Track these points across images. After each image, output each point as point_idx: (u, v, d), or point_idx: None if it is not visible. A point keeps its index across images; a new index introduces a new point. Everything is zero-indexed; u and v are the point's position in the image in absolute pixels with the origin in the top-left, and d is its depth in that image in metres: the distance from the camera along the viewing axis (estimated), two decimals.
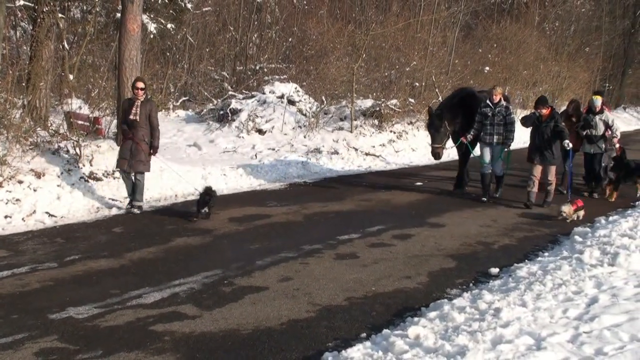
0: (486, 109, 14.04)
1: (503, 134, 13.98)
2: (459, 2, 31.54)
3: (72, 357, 6.45)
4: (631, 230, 10.85)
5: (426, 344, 6.35)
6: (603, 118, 14.97)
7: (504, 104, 14.07)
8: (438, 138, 14.68)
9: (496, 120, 13.93)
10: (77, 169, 13.66)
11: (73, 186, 13.04)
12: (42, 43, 16.62)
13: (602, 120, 14.95)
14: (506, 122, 13.93)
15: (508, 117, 13.94)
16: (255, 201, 14.01)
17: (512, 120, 14.00)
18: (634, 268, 8.66)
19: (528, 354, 5.91)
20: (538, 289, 8.03)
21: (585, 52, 38.16)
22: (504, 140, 14.03)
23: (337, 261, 9.85)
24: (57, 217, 11.94)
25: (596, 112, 15.06)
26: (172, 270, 9.19)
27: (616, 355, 5.89)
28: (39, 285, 8.55)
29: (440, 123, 14.54)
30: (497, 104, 13.98)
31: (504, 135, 13.98)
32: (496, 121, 13.93)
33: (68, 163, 13.77)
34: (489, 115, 13.97)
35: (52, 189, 12.71)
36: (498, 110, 13.95)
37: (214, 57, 26.29)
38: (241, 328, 7.27)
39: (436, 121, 14.57)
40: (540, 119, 13.48)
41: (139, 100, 12.43)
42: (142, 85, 12.62)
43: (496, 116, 13.92)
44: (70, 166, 13.70)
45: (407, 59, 26.66)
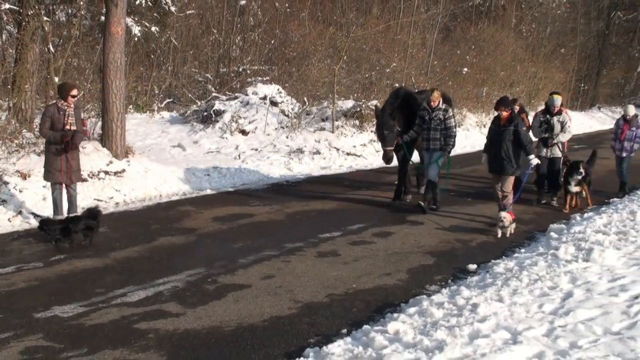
0: (423, 112, 13.10)
1: (440, 139, 12.95)
2: (438, 5, 31.65)
3: (57, 355, 6.43)
4: (605, 227, 10.92)
5: (405, 339, 6.37)
6: (561, 119, 14.06)
7: (443, 108, 12.98)
8: (391, 140, 13.50)
9: (433, 124, 12.92)
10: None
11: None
12: (27, 46, 16.55)
13: (560, 122, 14.02)
14: (445, 127, 12.91)
15: (446, 121, 12.89)
16: (238, 201, 14.00)
17: (450, 125, 12.96)
18: (607, 263, 8.72)
19: (504, 348, 5.94)
20: (514, 284, 8.07)
21: (560, 53, 38.34)
22: (442, 146, 12.98)
23: (319, 259, 9.87)
24: (42, 218, 11.88)
25: (554, 112, 14.13)
26: (156, 269, 9.17)
27: (590, 349, 5.93)
28: (25, 284, 8.52)
29: (393, 123, 13.41)
30: (435, 108, 12.95)
31: (441, 140, 12.95)
32: (433, 125, 12.92)
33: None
34: (426, 119, 13.01)
35: (37, 189, 12.66)
36: (435, 114, 12.91)
37: (198, 60, 26.27)
38: (224, 325, 7.27)
39: (389, 121, 13.38)
40: (499, 123, 12.08)
41: (70, 108, 11.28)
42: (76, 93, 11.50)
43: (433, 120, 12.91)
44: None
45: (387, 60, 26.72)
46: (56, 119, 11.13)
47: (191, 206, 13.35)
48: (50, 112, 11.20)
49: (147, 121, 22.83)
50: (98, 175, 14.08)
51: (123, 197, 13.71)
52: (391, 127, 13.37)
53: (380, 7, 32.08)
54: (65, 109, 11.15)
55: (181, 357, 6.46)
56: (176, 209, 13.06)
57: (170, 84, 24.96)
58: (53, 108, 11.25)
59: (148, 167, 15.24)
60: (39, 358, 6.37)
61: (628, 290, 7.62)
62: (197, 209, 13.10)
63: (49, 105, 11.67)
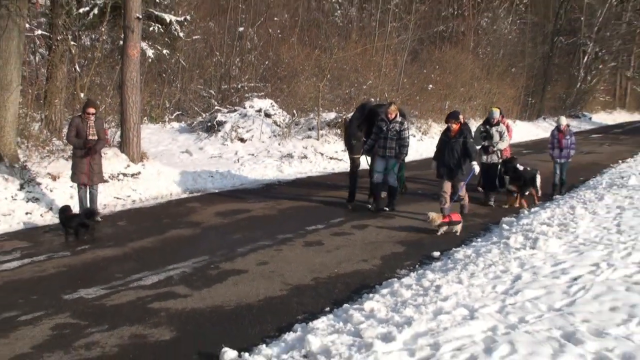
0: (382, 124, 12.60)
1: (396, 148, 12.52)
2: (407, 31, 31.61)
3: (82, 331, 6.43)
4: (549, 220, 10.96)
5: (379, 315, 6.38)
6: (499, 130, 13.92)
7: (399, 120, 12.58)
8: (358, 149, 13.27)
9: (390, 134, 12.49)
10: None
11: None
12: (57, 66, 16.48)
13: (498, 132, 13.87)
14: (399, 137, 12.51)
15: (401, 132, 12.50)
16: (237, 199, 13.97)
17: (404, 136, 12.56)
18: (550, 250, 8.75)
19: (463, 323, 5.96)
20: (472, 268, 8.09)
21: (511, 72, 38.39)
22: (397, 154, 12.60)
23: (306, 248, 9.89)
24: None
25: (494, 123, 14.00)
26: (167, 257, 9.17)
27: (536, 323, 5.96)
28: (54, 270, 8.50)
29: (361, 134, 13.18)
30: (392, 120, 12.53)
31: (396, 149, 12.53)
32: (389, 135, 12.49)
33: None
34: (384, 130, 12.55)
35: (65, 189, 12.61)
36: (392, 126, 12.50)
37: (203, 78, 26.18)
38: (225, 304, 7.28)
39: (357, 132, 13.18)
40: (449, 135, 11.85)
41: (91, 121, 11.22)
42: (93, 111, 11.31)
43: (390, 131, 12.49)
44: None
45: (364, 78, 26.71)
46: (80, 129, 11.17)
47: (197, 203, 13.33)
48: (75, 123, 11.25)
49: (160, 130, 22.77)
50: (117, 177, 14.06)
51: (139, 196, 13.68)
52: (358, 138, 13.20)
53: (359, 33, 32.07)
54: (87, 121, 11.18)
55: (188, 332, 6.46)
56: (184, 206, 13.04)
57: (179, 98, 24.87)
58: (77, 119, 11.32)
59: (160, 170, 15.22)
60: (67, 333, 6.37)
61: (568, 273, 7.66)
62: (202, 205, 13.08)
63: (75, 117, 11.70)
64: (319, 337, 5.82)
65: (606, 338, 5.57)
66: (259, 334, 6.45)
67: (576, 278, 7.47)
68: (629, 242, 9.16)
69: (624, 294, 6.82)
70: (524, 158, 22.87)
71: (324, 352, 5.50)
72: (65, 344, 6.12)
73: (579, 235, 9.72)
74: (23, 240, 10.06)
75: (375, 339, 5.63)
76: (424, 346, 5.48)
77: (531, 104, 41.78)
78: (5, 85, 12.60)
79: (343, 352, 5.42)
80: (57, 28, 16.67)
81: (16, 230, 10.78)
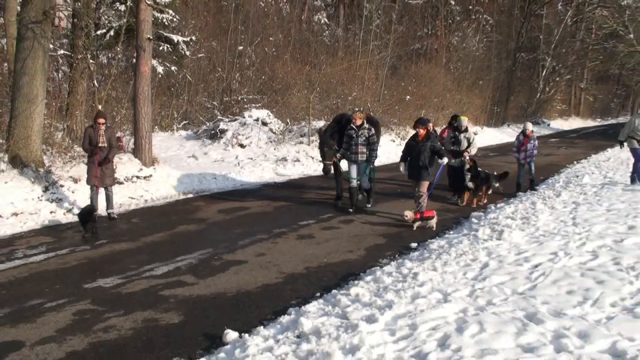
0: (351, 131, 12.17)
1: (366, 153, 12.12)
2: (387, 49, 31.64)
3: (101, 315, 6.42)
4: (513, 214, 10.98)
5: (363, 299, 6.39)
6: (467, 136, 13.63)
7: (367, 127, 12.13)
8: (330, 155, 12.85)
9: (359, 140, 12.03)
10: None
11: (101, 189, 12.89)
12: (77, 82, 16.46)
13: (466, 138, 13.58)
14: (368, 142, 12.07)
15: (370, 138, 12.06)
16: (237, 198, 13.94)
17: (373, 141, 12.14)
18: (514, 241, 8.77)
19: (437, 306, 5.97)
20: (445, 257, 8.10)
21: (479, 84, 38.49)
22: (367, 158, 12.19)
23: (299, 240, 9.87)
24: None
25: (462, 130, 13.69)
26: (176, 250, 9.14)
27: (502, 305, 5.97)
28: (76, 262, 8.47)
29: (332, 142, 12.79)
30: (360, 127, 12.09)
31: (367, 153, 12.13)
32: (359, 141, 12.04)
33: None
34: (354, 137, 12.10)
35: (86, 191, 12.51)
36: (361, 132, 12.05)
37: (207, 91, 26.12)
38: (227, 291, 7.27)
39: (329, 140, 12.83)
40: (417, 139, 11.53)
41: (102, 130, 11.27)
42: (103, 121, 11.34)
43: (359, 137, 12.04)
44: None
45: (349, 90, 26.72)
46: (92, 137, 11.24)
47: (202, 202, 13.29)
48: (89, 132, 11.33)
49: (169, 138, 22.71)
50: (131, 179, 14.01)
51: (150, 196, 13.64)
52: (330, 146, 12.85)
53: (344, 50, 32.09)
54: (98, 131, 11.25)
55: (195, 315, 6.45)
56: (190, 204, 13.00)
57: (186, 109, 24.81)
58: (90, 129, 11.36)
59: (169, 173, 15.18)
60: (87, 318, 6.36)
61: (530, 261, 7.68)
62: (206, 204, 13.05)
63: (88, 127, 11.67)
64: (311, 319, 5.82)
65: (564, 318, 5.59)
66: (257, 317, 6.44)
67: (537, 265, 7.49)
68: (584, 233, 9.19)
69: (579, 279, 6.84)
70: (491, 160, 22.97)
71: (315, 333, 5.50)
72: (85, 327, 6.11)
73: (539, 227, 9.75)
74: (48, 236, 10.02)
75: (360, 320, 5.63)
76: (403, 327, 5.48)
77: (497, 112, 41.88)
78: (32, 99, 12.58)
79: (332, 332, 5.42)
80: (78, 48, 16.64)
81: (42, 227, 10.74)
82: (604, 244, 8.47)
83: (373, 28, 31.87)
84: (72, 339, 5.83)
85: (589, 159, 22.74)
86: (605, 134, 40.60)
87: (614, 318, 5.56)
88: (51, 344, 5.72)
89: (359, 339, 5.16)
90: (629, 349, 4.86)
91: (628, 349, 4.88)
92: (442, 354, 4.88)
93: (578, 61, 52.24)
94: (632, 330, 5.24)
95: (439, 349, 5.01)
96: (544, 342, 5.06)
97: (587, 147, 29.66)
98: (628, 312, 5.74)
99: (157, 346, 5.71)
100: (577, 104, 61.83)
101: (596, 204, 11.68)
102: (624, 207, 11.32)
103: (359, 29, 31.58)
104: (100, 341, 5.78)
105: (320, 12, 40.45)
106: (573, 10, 50.37)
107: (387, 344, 5.14)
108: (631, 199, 12.12)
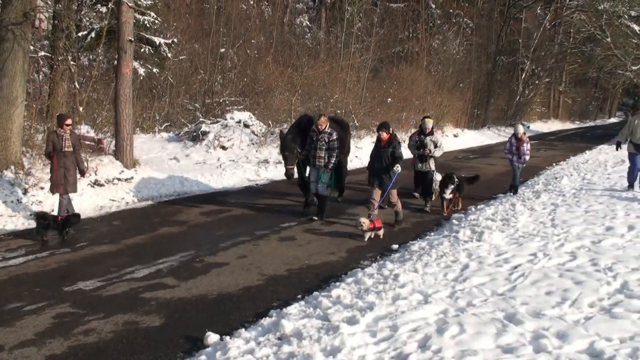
0: (312, 134, 11.74)
1: (325, 158, 11.57)
2: (369, 52, 31.68)
3: (81, 319, 6.38)
4: (492, 216, 11.07)
5: (345, 301, 6.41)
6: (433, 139, 12.94)
7: (328, 131, 11.58)
8: (292, 160, 12.06)
9: (319, 144, 11.55)
10: (85, 178, 13.40)
11: (82, 190, 12.76)
12: (58, 83, 16.32)
13: (432, 141, 12.89)
14: (329, 147, 11.53)
15: (330, 142, 11.54)
16: (219, 200, 13.88)
17: (333, 146, 11.55)
18: (494, 242, 8.84)
19: (418, 307, 5.99)
20: (426, 259, 8.14)
21: (460, 87, 38.62)
22: (326, 163, 11.60)
23: (280, 242, 9.87)
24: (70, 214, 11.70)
25: (427, 133, 13.00)
26: (157, 252, 9.09)
27: (482, 306, 6.01)
28: (56, 265, 8.40)
29: (294, 146, 11.98)
30: (322, 131, 11.57)
31: (325, 158, 11.57)
32: (319, 145, 11.55)
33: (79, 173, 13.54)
34: (314, 140, 11.66)
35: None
36: (321, 136, 11.55)
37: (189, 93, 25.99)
38: (209, 294, 7.25)
39: (290, 144, 11.98)
40: (380, 144, 11.03)
41: (67, 134, 10.55)
42: (70, 122, 10.70)
43: (320, 141, 11.55)
44: (80, 176, 13.46)
45: (331, 93, 26.73)
46: (56, 143, 10.51)
47: (183, 204, 13.21)
48: (52, 138, 10.58)
49: (150, 140, 22.55)
50: (113, 181, 13.90)
51: (132, 198, 13.53)
52: (291, 150, 11.97)
53: (326, 53, 32.08)
54: (63, 135, 10.51)
55: (176, 318, 6.43)
56: (172, 207, 12.93)
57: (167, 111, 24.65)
58: (53, 135, 10.61)
59: (151, 175, 15.09)
60: (67, 321, 6.31)
61: (509, 262, 7.74)
62: (188, 206, 12.98)
63: (50, 133, 11.08)
64: (292, 321, 5.82)
65: (542, 318, 5.63)
66: (239, 319, 6.44)
67: (516, 266, 7.55)
68: (562, 234, 9.28)
69: (557, 279, 6.91)
70: (471, 162, 23.13)
71: (296, 334, 5.50)
72: (65, 330, 6.06)
73: (519, 228, 9.83)
74: (27, 239, 9.87)
75: (342, 322, 5.64)
76: (384, 328, 5.50)
77: (477, 114, 42.08)
78: (12, 101, 12.45)
79: (313, 334, 5.41)
80: (58, 50, 16.50)
81: (21, 229, 10.60)
82: (582, 245, 8.57)
83: (355, 31, 31.91)
84: (52, 342, 5.78)
85: (568, 161, 22.95)
86: (584, 137, 41.04)
87: (591, 318, 5.62)
88: (30, 347, 5.67)
89: (340, 341, 5.17)
90: (606, 349, 4.92)
91: (605, 349, 4.93)
92: (423, 355, 4.90)
93: (557, 64, 52.67)
94: (610, 331, 5.30)
95: (420, 350, 5.03)
96: (523, 342, 5.10)
97: (566, 149, 29.93)
98: (605, 312, 5.80)
99: (138, 349, 5.67)
100: (556, 107, 62.34)
101: (575, 206, 11.81)
102: (602, 209, 11.45)
103: (341, 31, 31.58)
104: (80, 344, 5.73)
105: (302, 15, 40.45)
106: (552, 14, 50.76)
107: (368, 346, 5.15)
108: (608, 201, 12.27)
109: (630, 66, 33.33)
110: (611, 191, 13.60)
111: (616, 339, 5.15)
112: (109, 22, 17.25)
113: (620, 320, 5.57)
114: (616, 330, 5.30)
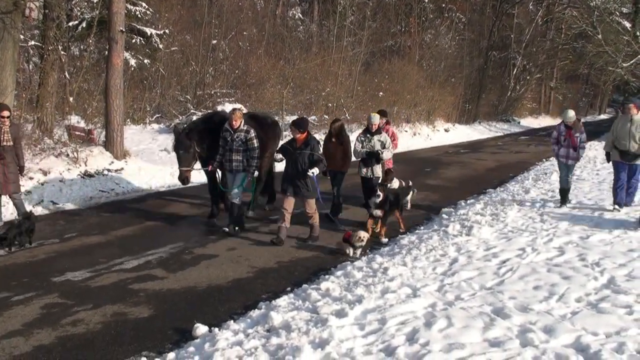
0: (226, 134, 9.86)
1: (243, 161, 9.84)
2: (361, 45, 31.64)
3: (69, 310, 6.36)
4: (482, 210, 11.10)
5: (334, 294, 6.42)
6: (381, 139, 10.78)
7: (245, 129, 9.83)
8: (186, 160, 10.40)
9: (235, 145, 9.76)
10: (75, 168, 13.38)
11: (72, 181, 12.76)
12: (48, 73, 16.19)
13: (380, 141, 10.74)
14: (247, 148, 9.81)
15: (249, 142, 9.77)
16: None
17: (253, 146, 9.81)
18: (483, 237, 8.87)
19: (407, 300, 6.02)
20: (415, 253, 8.16)
21: (451, 82, 38.63)
22: (245, 167, 9.90)
23: (270, 235, 9.76)
24: (59, 205, 11.64)
25: (373, 131, 10.80)
26: (146, 244, 9.08)
27: (470, 300, 6.04)
28: (45, 256, 8.37)
29: (189, 143, 10.30)
30: (237, 129, 9.77)
31: (244, 162, 9.85)
32: (235, 147, 9.77)
33: (68, 164, 13.51)
34: (229, 141, 9.83)
35: (55, 183, 12.42)
36: (237, 135, 9.74)
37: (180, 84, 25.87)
38: (198, 285, 7.25)
39: (185, 141, 10.27)
40: (294, 145, 9.46)
41: (6, 126, 9.57)
42: (8, 114, 9.64)
43: (235, 142, 9.75)
44: (70, 166, 13.43)
45: (322, 86, 26.72)
46: None
47: (173, 196, 13.19)
48: None
49: (141, 131, 22.45)
50: (102, 172, 13.87)
51: (122, 189, 13.50)
52: (187, 148, 10.30)
53: (318, 46, 32.01)
54: (1, 127, 9.55)
55: (164, 309, 6.43)
56: (162, 198, 12.91)
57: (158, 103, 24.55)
58: None
59: (141, 166, 15.06)
60: (55, 312, 6.29)
61: (498, 257, 7.78)
62: (178, 197, 12.97)
63: None
64: (281, 313, 5.83)
65: (530, 313, 5.67)
66: (228, 311, 6.44)
67: (505, 261, 7.59)
68: (551, 229, 9.33)
69: (545, 274, 6.95)
70: (462, 157, 23.16)
71: (285, 327, 5.50)
72: (53, 321, 6.04)
73: (508, 223, 9.88)
74: None
75: (330, 315, 5.65)
76: (372, 321, 5.51)
77: (468, 109, 42.13)
78: (2, 90, 12.38)
79: (302, 327, 5.42)
80: (49, 39, 16.38)
81: (10, 219, 10.55)
82: (570, 240, 8.62)
83: (347, 24, 31.83)
84: (40, 332, 5.76)
85: None
86: None
87: (578, 313, 5.66)
88: (18, 337, 5.65)
89: (328, 333, 5.18)
90: (593, 344, 4.95)
91: (591, 343, 4.97)
92: (411, 349, 4.92)
93: (548, 60, 52.80)
94: (596, 325, 5.34)
95: (408, 343, 5.05)
96: (510, 336, 5.13)
97: None
98: (592, 307, 5.85)
99: (126, 340, 5.66)
100: (547, 103, 62.56)
101: None
102: (590, 204, 11.50)
103: (333, 25, 31.51)
104: (69, 335, 5.72)
105: (294, 8, 40.31)
106: (543, 10, 50.87)
107: (357, 339, 5.17)
108: (597, 197, 12.32)
109: (621, 63, 33.43)
110: (599, 187, 13.68)
111: (602, 334, 5.19)
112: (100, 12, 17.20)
113: (606, 315, 5.61)
114: (602, 325, 5.35)
